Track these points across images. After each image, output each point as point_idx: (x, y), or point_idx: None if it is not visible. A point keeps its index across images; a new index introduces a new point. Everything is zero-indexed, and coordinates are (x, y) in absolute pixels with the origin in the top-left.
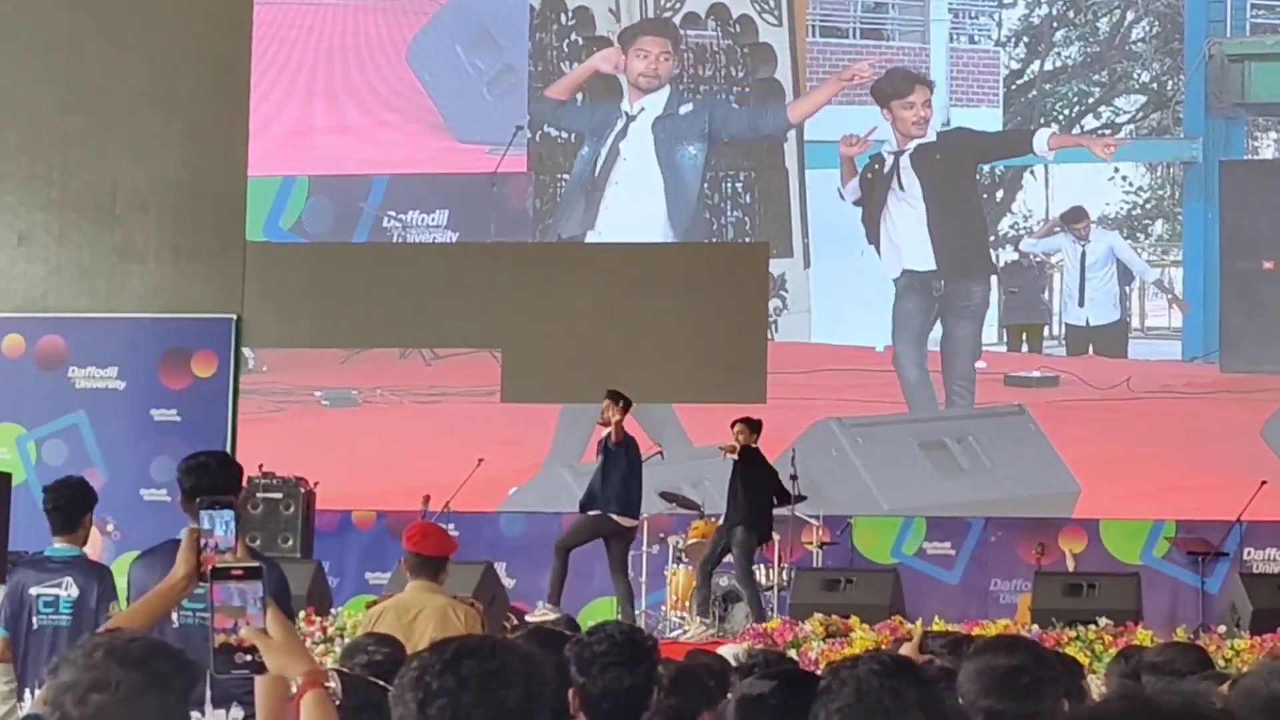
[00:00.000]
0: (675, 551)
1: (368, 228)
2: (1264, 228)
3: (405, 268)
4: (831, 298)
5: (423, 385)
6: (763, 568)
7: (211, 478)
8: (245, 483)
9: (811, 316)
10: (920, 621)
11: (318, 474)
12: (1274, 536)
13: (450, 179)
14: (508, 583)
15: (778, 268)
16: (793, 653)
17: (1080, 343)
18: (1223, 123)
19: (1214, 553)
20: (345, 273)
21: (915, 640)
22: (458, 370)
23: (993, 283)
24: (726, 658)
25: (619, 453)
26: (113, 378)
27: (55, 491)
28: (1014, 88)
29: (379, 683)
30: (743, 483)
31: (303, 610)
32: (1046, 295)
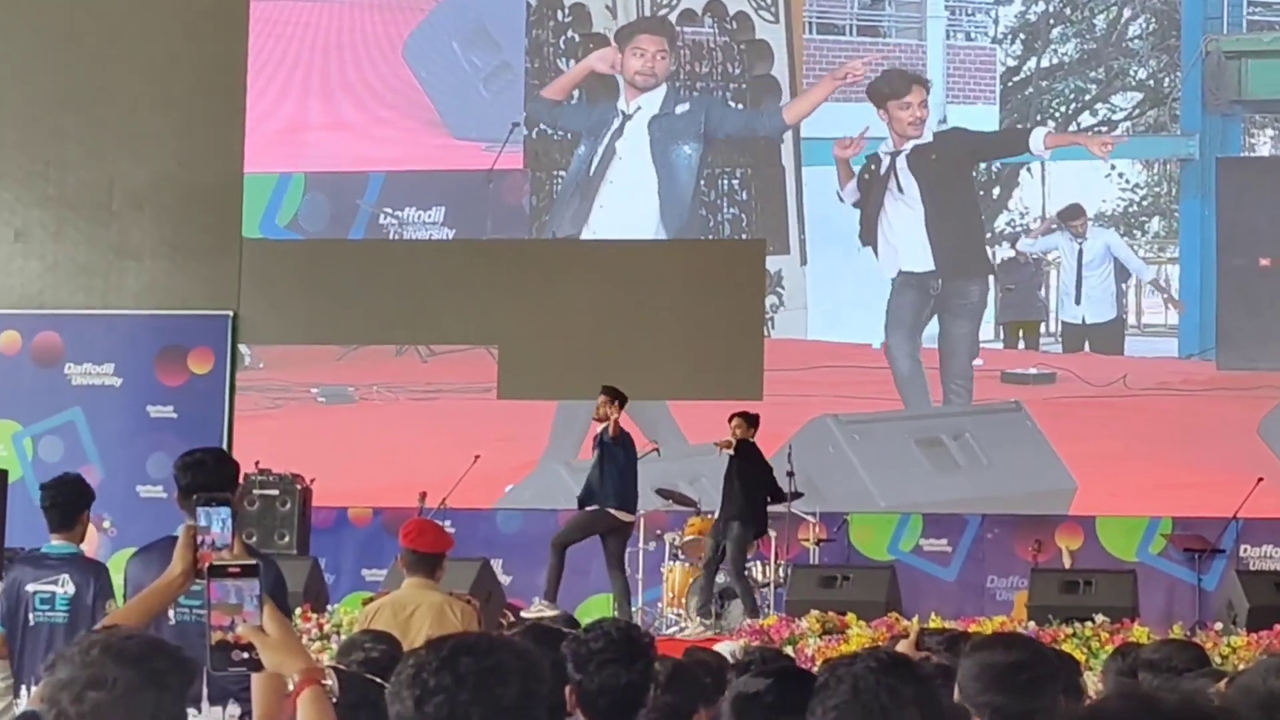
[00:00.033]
0: (672, 548)
1: (364, 224)
2: (1261, 225)
3: (401, 265)
4: (828, 294)
5: (419, 382)
6: (759, 564)
7: (208, 475)
8: (242, 479)
9: (808, 313)
10: (917, 618)
11: (314, 470)
12: (1271, 533)
13: (447, 176)
14: (504, 579)
15: (774, 264)
16: (789, 649)
17: (1076, 340)
18: (1219, 120)
19: (1210, 550)
20: (341, 269)
21: (912, 637)
22: (454, 367)
23: (990, 282)
24: (724, 655)
25: (616, 448)
26: (109, 374)
27: (53, 489)
28: (1010, 85)
29: (376, 680)
30: (739, 477)
31: (299, 607)
32: (1043, 292)
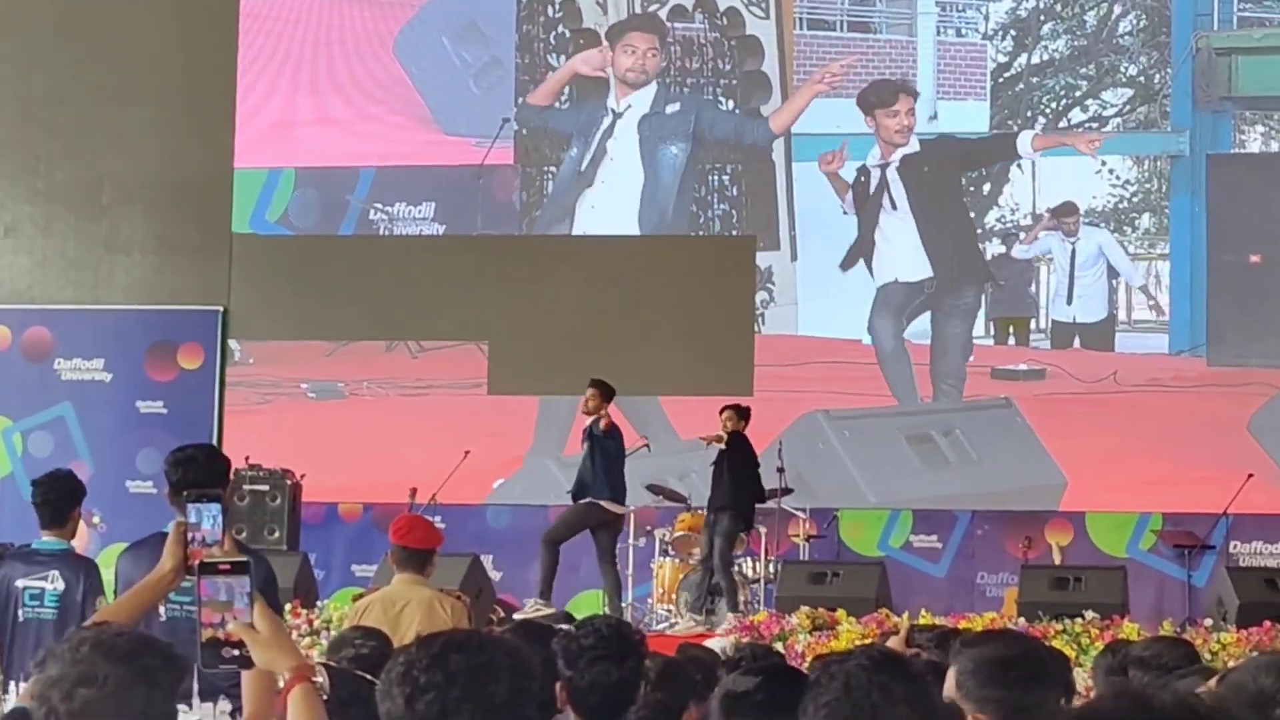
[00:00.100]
0: (662, 544)
1: (354, 220)
2: (1251, 221)
3: (392, 260)
4: (819, 290)
5: (409, 377)
6: (749, 560)
7: (199, 471)
8: (232, 475)
9: (798, 309)
10: (907, 615)
11: (304, 466)
12: (1260, 530)
13: (437, 171)
14: (494, 575)
15: (765, 260)
16: (779, 646)
17: (1066, 336)
18: (1210, 116)
19: (1200, 546)
20: (332, 265)
21: (902, 634)
22: (444, 363)
23: (986, 286)
24: (715, 651)
25: (607, 441)
26: (99, 369)
27: (44, 485)
28: (1001, 81)
29: (366, 676)
30: (730, 469)
31: (289, 602)
32: (1033, 289)
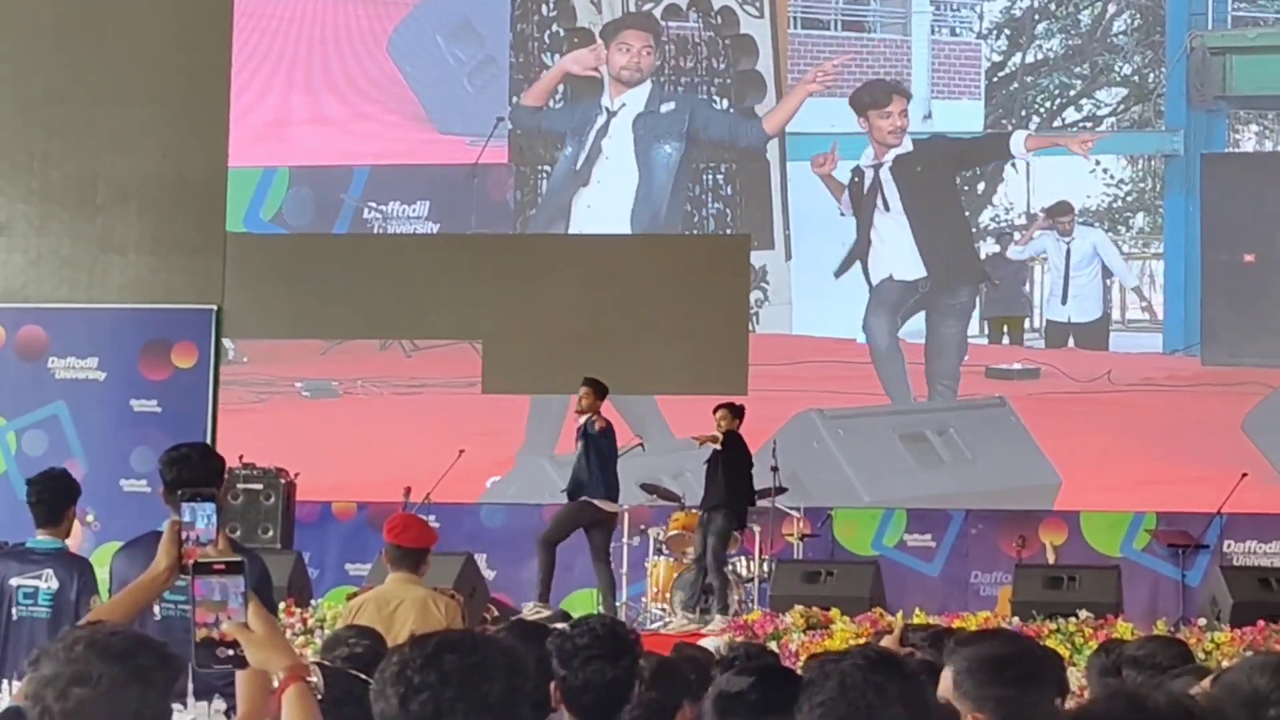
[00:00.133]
0: (656, 543)
1: (348, 219)
2: (1245, 220)
3: (386, 259)
4: (813, 290)
5: (403, 376)
6: (743, 559)
7: (194, 470)
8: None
9: (793, 308)
10: (901, 614)
11: (298, 465)
12: (1254, 529)
13: (431, 170)
14: (488, 574)
15: (759, 260)
16: (773, 645)
17: (1061, 336)
18: (1204, 116)
19: (1194, 545)
20: (326, 264)
21: (896, 633)
22: (438, 362)
23: (981, 286)
24: (710, 650)
25: (602, 439)
26: (93, 368)
27: (39, 484)
28: (995, 80)
29: (360, 676)
30: (724, 468)
31: (283, 601)
32: (1027, 288)
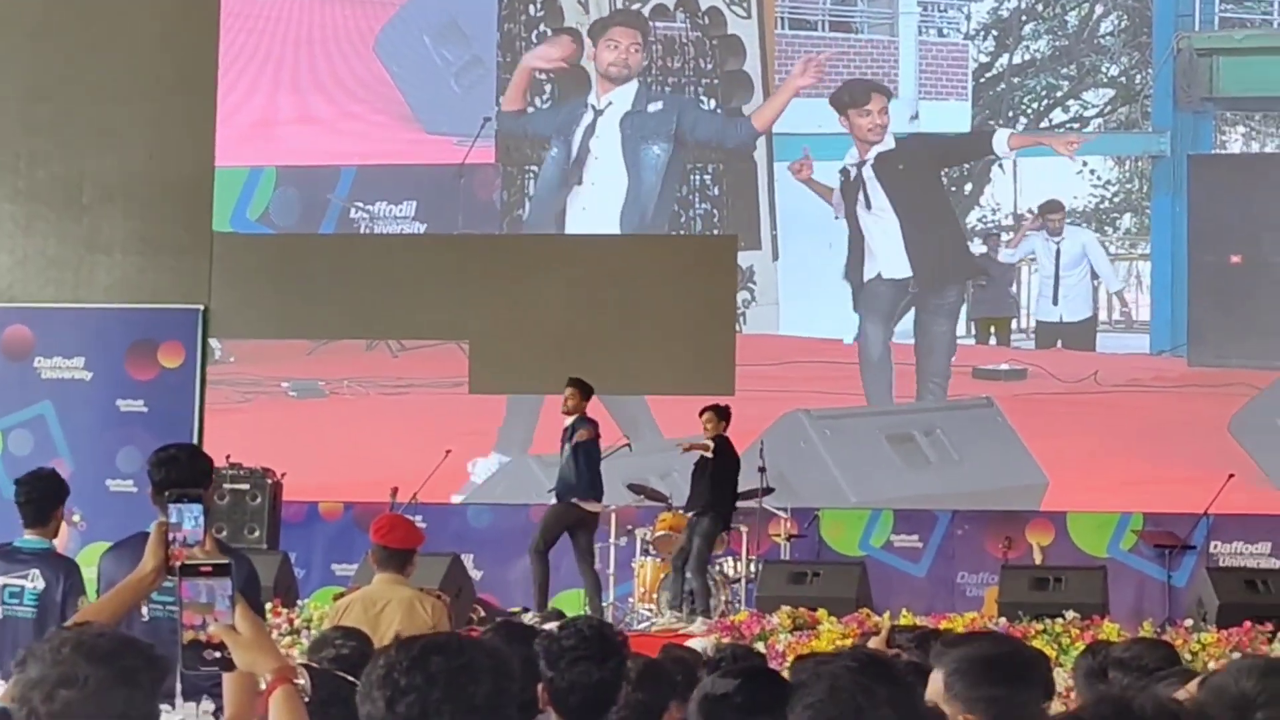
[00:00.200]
0: (643, 544)
1: (335, 219)
2: (1232, 221)
3: (373, 259)
4: (800, 290)
5: (390, 377)
6: (730, 559)
7: (181, 471)
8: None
9: (780, 309)
10: (888, 615)
11: (285, 465)
12: (1241, 530)
13: (418, 170)
14: (474, 574)
15: (746, 260)
16: (760, 645)
17: (1052, 337)
18: (1191, 117)
19: (1181, 546)
20: (312, 264)
21: (883, 634)
22: (425, 362)
23: (970, 283)
24: (698, 651)
25: (589, 441)
26: (79, 368)
27: (28, 484)
28: (983, 81)
29: (347, 677)
30: (712, 472)
31: (269, 602)
32: (1014, 289)
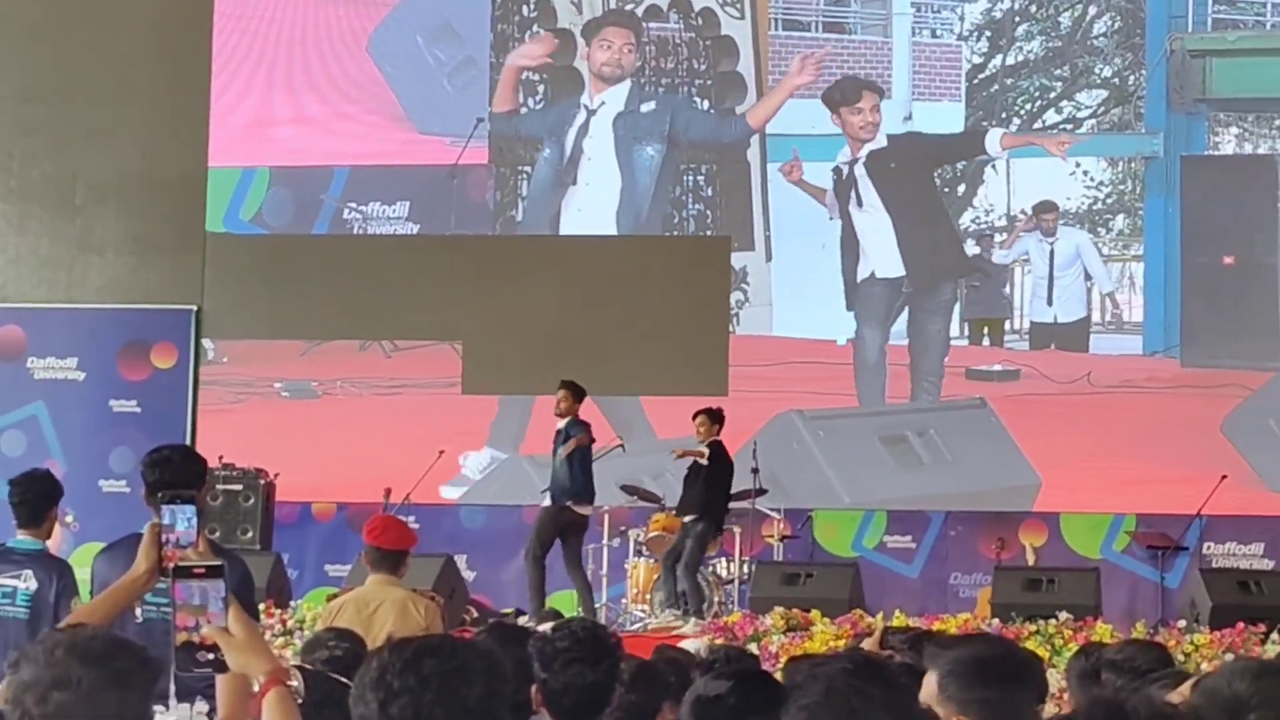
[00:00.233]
0: (636, 545)
1: (328, 219)
2: (1224, 223)
3: (365, 260)
4: (793, 291)
5: (383, 377)
6: (723, 560)
7: (175, 472)
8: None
9: (773, 310)
10: (881, 616)
11: (278, 465)
12: (1234, 531)
13: (411, 171)
14: (468, 575)
15: (739, 261)
16: (753, 646)
17: (1046, 337)
18: (1184, 118)
19: (1174, 547)
20: (305, 264)
21: (876, 635)
22: (418, 362)
23: (962, 281)
24: (691, 652)
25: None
26: (72, 369)
27: (22, 485)
28: (976, 82)
29: (340, 679)
30: (706, 475)
31: (262, 603)
32: (1008, 289)
